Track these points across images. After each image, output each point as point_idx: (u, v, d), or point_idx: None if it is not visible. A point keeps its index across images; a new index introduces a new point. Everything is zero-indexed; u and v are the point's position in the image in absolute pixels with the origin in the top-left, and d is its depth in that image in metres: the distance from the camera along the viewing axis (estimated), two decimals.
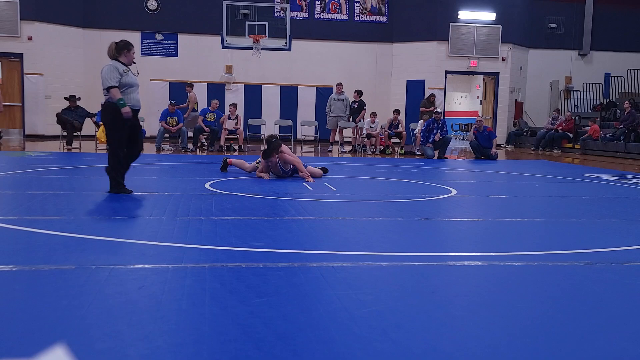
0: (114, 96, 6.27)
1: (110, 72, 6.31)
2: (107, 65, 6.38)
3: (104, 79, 6.29)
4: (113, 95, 6.27)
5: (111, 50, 6.46)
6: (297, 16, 19.90)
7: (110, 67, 6.33)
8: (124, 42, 6.54)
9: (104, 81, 6.30)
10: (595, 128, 17.39)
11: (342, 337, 2.40)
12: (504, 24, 20.17)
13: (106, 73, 6.31)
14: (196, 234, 4.45)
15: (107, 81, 6.28)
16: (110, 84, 6.27)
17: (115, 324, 2.47)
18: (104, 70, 6.33)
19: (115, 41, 6.56)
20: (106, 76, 6.30)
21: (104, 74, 6.31)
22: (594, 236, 4.92)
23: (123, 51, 6.47)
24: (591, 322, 2.71)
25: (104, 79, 6.29)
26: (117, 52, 6.46)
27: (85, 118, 14.48)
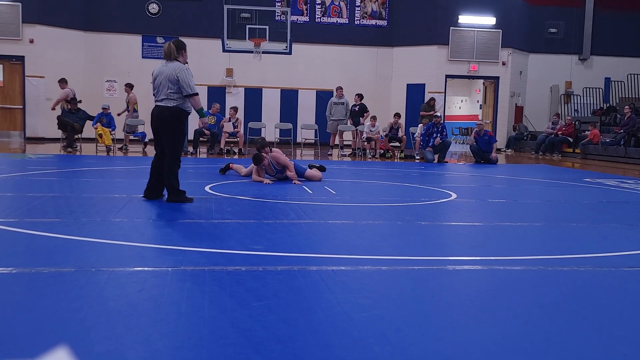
0: (197, 104, 6.04)
1: (191, 78, 5.95)
2: (183, 68, 5.96)
3: (185, 84, 5.88)
4: (196, 102, 6.02)
5: (171, 50, 6.03)
6: (297, 20, 19.92)
7: (189, 72, 5.96)
8: (181, 41, 6.21)
9: (186, 87, 5.90)
10: (596, 133, 17.39)
11: (342, 341, 2.40)
12: (504, 29, 20.19)
13: (188, 77, 5.92)
14: (196, 237, 4.45)
15: (191, 87, 5.94)
16: (193, 90, 5.95)
17: (114, 327, 2.47)
18: (182, 74, 5.89)
19: (171, 40, 6.17)
20: (188, 81, 5.91)
21: (185, 78, 5.89)
22: (594, 241, 4.92)
23: (181, 51, 6.11)
24: (591, 327, 2.71)
25: (185, 83, 5.88)
26: (177, 52, 6.07)
27: (86, 121, 14.49)
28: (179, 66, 5.96)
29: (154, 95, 6.15)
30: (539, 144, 18.49)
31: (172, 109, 5.96)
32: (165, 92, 5.95)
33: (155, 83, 6.06)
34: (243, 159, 13.30)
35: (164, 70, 5.99)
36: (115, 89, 19.52)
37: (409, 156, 15.58)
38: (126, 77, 19.46)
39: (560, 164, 15.17)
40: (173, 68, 5.94)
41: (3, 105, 18.53)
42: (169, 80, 5.91)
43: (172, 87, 5.92)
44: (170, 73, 5.92)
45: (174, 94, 5.93)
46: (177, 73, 5.90)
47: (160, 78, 5.99)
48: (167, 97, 5.94)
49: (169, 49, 6.03)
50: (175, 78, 5.89)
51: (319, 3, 20.39)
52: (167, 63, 6.03)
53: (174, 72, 5.91)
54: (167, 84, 5.92)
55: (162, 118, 5.99)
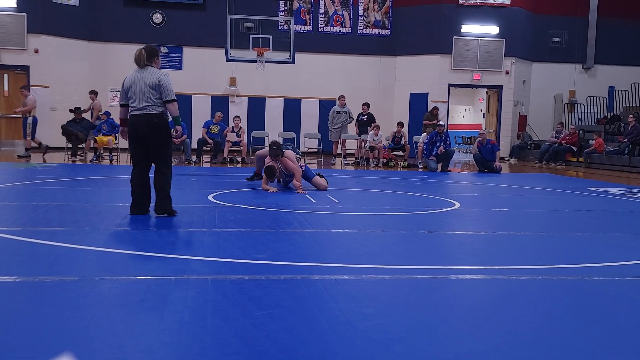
0: (176, 111, 5.75)
1: (171, 83, 5.70)
2: (164, 73, 5.73)
3: (168, 90, 5.64)
4: (175, 109, 5.74)
5: (142, 57, 5.73)
6: (301, 29, 19.98)
7: (169, 77, 5.73)
8: (154, 48, 5.93)
9: (167, 92, 5.64)
10: (600, 142, 17.36)
11: (345, 350, 2.39)
12: (507, 38, 20.22)
13: (169, 83, 5.67)
14: (199, 246, 4.45)
15: (172, 93, 5.68)
16: (173, 96, 5.68)
17: (117, 336, 2.46)
18: (165, 80, 5.65)
19: (142, 47, 5.85)
20: (170, 87, 5.67)
21: (166, 83, 5.64)
22: (599, 250, 4.90)
23: (154, 58, 5.83)
24: (596, 336, 2.70)
25: (168, 90, 5.64)
26: (149, 59, 5.78)
27: (90, 130, 14.53)
28: (159, 71, 5.73)
29: (126, 103, 5.79)
30: (543, 153, 18.47)
31: (160, 116, 5.68)
32: (145, 99, 5.62)
33: (131, 91, 5.70)
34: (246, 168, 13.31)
35: (141, 77, 5.67)
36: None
37: (412, 165, 15.58)
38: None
39: (564, 173, 15.14)
40: (152, 74, 5.67)
41: (8, 115, 18.59)
42: (150, 86, 5.61)
43: (154, 93, 5.62)
44: (149, 79, 5.63)
45: (158, 99, 5.65)
46: (158, 78, 5.64)
47: (138, 85, 5.64)
48: (150, 104, 5.63)
49: (139, 56, 5.73)
50: (156, 83, 5.62)
51: (322, 12, 20.46)
52: (142, 70, 5.72)
53: (155, 78, 5.64)
54: (147, 90, 5.61)
55: (152, 126, 5.67)
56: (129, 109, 5.76)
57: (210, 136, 14.87)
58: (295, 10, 20.19)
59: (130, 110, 5.74)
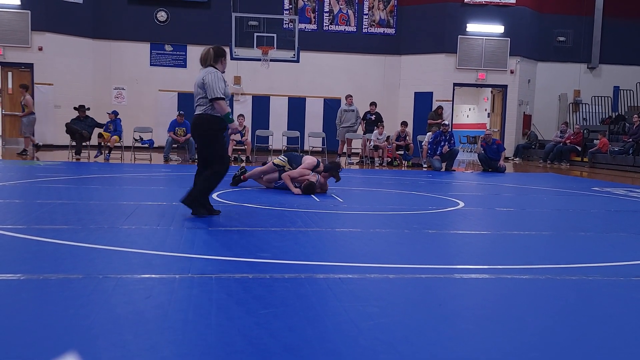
0: (222, 109, 5.62)
1: (217, 81, 5.59)
2: (211, 72, 5.66)
3: (211, 88, 5.55)
4: (221, 107, 5.61)
5: (208, 56, 5.77)
6: (305, 28, 19.98)
7: (216, 75, 5.63)
8: (221, 48, 5.89)
9: (210, 90, 5.56)
10: (605, 141, 17.33)
11: (349, 349, 2.40)
12: (512, 37, 20.18)
13: (212, 81, 5.57)
14: (203, 244, 4.46)
15: (215, 91, 5.55)
16: (218, 94, 5.56)
17: (121, 334, 2.47)
18: (208, 78, 5.59)
19: (211, 46, 5.87)
20: (213, 85, 5.56)
21: (209, 81, 5.57)
22: (602, 250, 4.89)
23: (220, 58, 5.82)
24: (599, 336, 2.70)
25: (211, 87, 5.55)
26: (215, 59, 5.79)
27: (94, 128, 14.55)
28: (207, 70, 5.69)
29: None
30: (547, 152, 18.44)
31: (201, 116, 5.68)
32: (196, 99, 5.72)
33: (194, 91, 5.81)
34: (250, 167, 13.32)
35: (197, 77, 5.76)
36: (124, 97, 19.63)
37: (416, 164, 15.56)
38: (134, 85, 19.59)
39: (569, 172, 15.11)
40: (203, 73, 5.68)
41: (12, 113, 18.63)
42: (198, 85, 5.67)
43: (200, 92, 5.65)
44: (199, 79, 5.69)
45: (202, 99, 5.66)
46: (203, 76, 5.63)
47: (195, 86, 5.77)
48: (199, 104, 5.70)
49: (206, 54, 5.79)
50: (201, 82, 5.63)
51: (327, 11, 20.45)
52: (201, 70, 5.79)
53: (202, 76, 5.66)
54: (197, 90, 5.69)
55: (198, 126, 5.74)
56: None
57: None
58: (300, 8, 20.20)
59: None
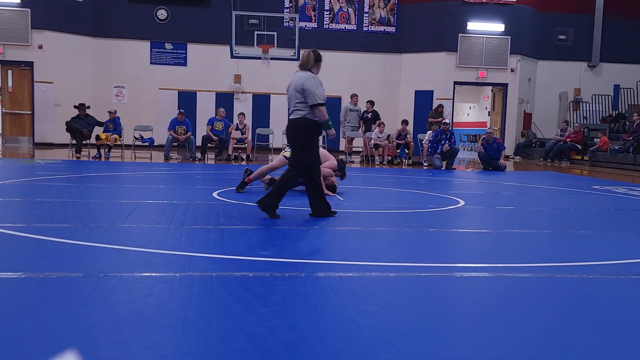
0: (323, 115, 5.63)
1: (318, 87, 5.60)
2: (311, 77, 5.66)
3: (312, 94, 5.55)
4: (322, 114, 5.62)
5: (309, 59, 5.77)
6: (305, 26, 19.97)
7: (316, 81, 5.64)
8: (319, 52, 5.89)
9: (312, 96, 5.56)
10: (605, 140, 17.32)
11: (349, 347, 2.40)
12: (512, 35, 20.17)
13: (314, 87, 5.57)
14: (203, 242, 4.46)
15: (317, 97, 5.57)
16: (320, 100, 5.58)
17: (122, 332, 2.47)
18: (309, 83, 5.58)
19: (310, 50, 5.89)
20: (315, 91, 5.56)
21: (311, 87, 5.56)
22: (603, 248, 4.89)
23: (318, 62, 5.83)
24: (600, 334, 2.70)
25: (313, 93, 5.55)
26: (314, 63, 5.80)
27: (95, 126, 14.55)
28: (306, 75, 5.68)
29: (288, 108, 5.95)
30: (548, 151, 18.44)
31: (299, 121, 5.67)
32: (293, 103, 5.70)
33: (288, 94, 5.81)
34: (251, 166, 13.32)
35: (294, 80, 5.76)
36: (124, 95, 19.62)
37: (417, 163, 15.56)
38: (134, 83, 19.59)
39: (569, 171, 15.11)
40: (301, 77, 5.67)
41: (12, 111, 18.64)
42: (296, 89, 5.65)
43: (299, 97, 5.64)
44: (297, 83, 5.67)
45: (301, 104, 5.64)
46: (303, 82, 5.61)
47: (290, 89, 5.77)
48: (295, 109, 5.68)
49: (307, 58, 5.78)
50: (301, 87, 5.60)
51: (327, 9, 20.44)
52: (298, 72, 5.80)
53: (301, 82, 5.63)
54: (295, 94, 5.67)
55: (294, 130, 5.74)
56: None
57: (214, 133, 14.87)
58: (300, 7, 20.19)
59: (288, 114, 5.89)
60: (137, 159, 14.23)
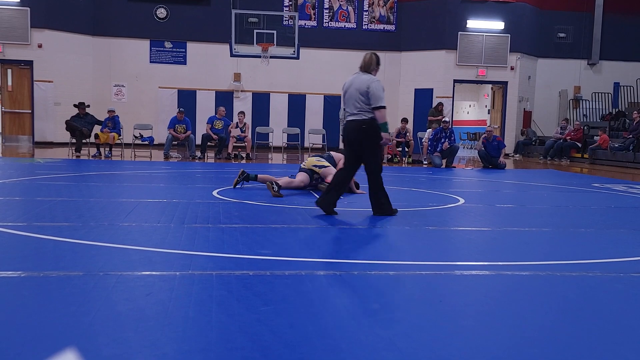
0: (383, 117, 5.74)
1: (381, 90, 5.74)
2: (375, 80, 5.79)
3: (377, 97, 5.68)
4: (383, 116, 5.73)
5: (372, 62, 5.91)
6: (305, 25, 19.97)
7: (380, 84, 5.77)
8: (378, 56, 6.02)
9: (376, 99, 5.69)
10: (605, 138, 17.33)
11: (349, 346, 2.40)
12: (512, 33, 20.17)
13: (378, 90, 5.70)
14: (204, 241, 4.46)
15: (381, 100, 5.71)
16: (383, 103, 5.71)
17: (122, 331, 2.47)
18: (374, 86, 5.71)
19: (372, 52, 6.03)
20: (379, 94, 5.70)
21: (375, 90, 5.69)
22: (603, 246, 4.89)
23: (378, 66, 5.97)
24: (599, 333, 2.70)
25: (377, 96, 5.68)
26: (375, 66, 5.94)
27: (94, 125, 14.54)
28: (370, 78, 5.80)
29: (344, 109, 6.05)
30: (548, 149, 18.44)
31: (369, 122, 5.76)
32: (355, 105, 5.79)
33: (347, 96, 5.90)
34: (251, 164, 13.33)
35: (354, 83, 5.85)
36: (124, 94, 19.62)
37: (416, 161, 15.56)
38: (134, 82, 19.58)
39: (569, 169, 15.11)
40: (364, 80, 5.78)
41: (12, 110, 18.64)
42: (360, 91, 5.74)
43: (362, 99, 5.74)
44: (360, 85, 5.76)
45: (366, 105, 5.74)
46: (368, 84, 5.72)
47: (350, 91, 5.84)
48: (360, 111, 5.77)
49: (370, 60, 5.90)
50: (365, 90, 5.71)
51: (327, 8, 20.43)
52: (360, 74, 5.89)
53: (365, 84, 5.74)
54: (357, 96, 5.76)
55: (360, 132, 5.80)
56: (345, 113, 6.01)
57: (214, 132, 14.87)
58: (299, 5, 20.18)
59: (346, 115, 5.97)
60: (137, 157, 14.23)
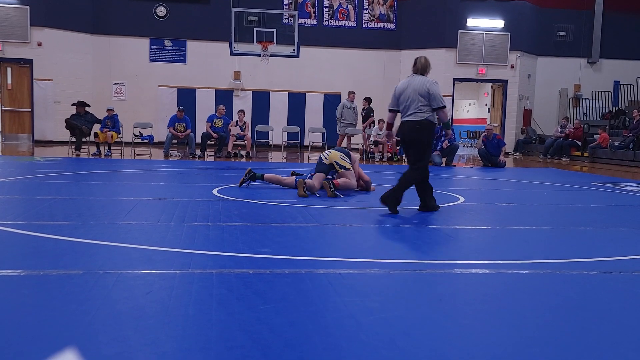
0: (446, 116, 6.37)
1: (439, 91, 6.16)
2: (433, 82, 6.17)
3: (437, 97, 6.09)
4: (445, 115, 6.32)
5: (427, 65, 6.30)
6: (305, 23, 19.95)
7: (438, 86, 6.18)
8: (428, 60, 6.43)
9: (437, 99, 6.09)
10: (605, 136, 17.32)
11: (349, 344, 2.40)
12: (512, 32, 20.15)
13: (438, 91, 6.13)
14: (203, 240, 4.46)
15: (441, 100, 6.14)
16: (444, 103, 6.18)
17: (122, 329, 2.47)
18: (434, 88, 6.10)
19: (423, 56, 6.41)
20: (438, 94, 6.12)
21: (435, 91, 6.09)
22: (603, 245, 4.89)
23: (429, 69, 6.34)
24: (599, 331, 2.70)
25: (437, 97, 6.09)
26: (428, 69, 6.31)
27: (94, 124, 14.54)
28: (428, 80, 6.14)
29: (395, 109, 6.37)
30: (547, 147, 18.43)
31: (424, 122, 6.07)
32: (414, 105, 6.08)
33: (403, 97, 6.18)
34: (251, 163, 13.32)
35: (412, 84, 6.14)
36: (124, 92, 19.61)
37: None
38: (134, 80, 19.57)
39: (569, 167, 15.11)
40: (422, 82, 6.10)
41: (11, 108, 18.63)
42: (420, 94, 6.05)
43: (422, 100, 6.05)
44: (420, 87, 6.07)
45: (424, 106, 6.06)
46: (428, 86, 6.06)
47: (408, 92, 6.13)
48: (418, 111, 6.07)
49: (425, 63, 6.25)
50: (426, 91, 6.03)
51: (327, 6, 20.42)
52: (415, 77, 6.21)
53: (425, 86, 6.06)
54: (416, 97, 6.06)
55: (417, 131, 6.10)
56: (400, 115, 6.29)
57: (214, 130, 14.87)
58: (299, 3, 20.17)
59: (402, 116, 6.25)
60: (137, 156, 14.23)
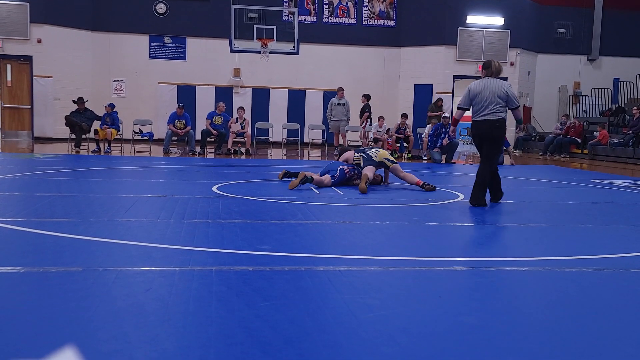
0: (520, 114, 6.98)
1: (515, 92, 6.84)
2: (508, 85, 6.77)
3: (515, 99, 6.71)
4: (520, 113, 6.95)
5: (500, 68, 6.81)
6: (305, 20, 19.93)
7: (512, 88, 6.83)
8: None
9: (514, 100, 6.69)
10: (605, 134, 17.32)
11: (349, 341, 2.40)
12: (512, 29, 20.13)
13: (514, 93, 6.77)
14: (203, 237, 4.46)
15: (517, 100, 6.79)
16: (519, 103, 6.82)
17: (122, 326, 2.47)
18: (511, 90, 6.71)
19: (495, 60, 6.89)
20: (515, 96, 6.75)
21: (513, 93, 6.70)
22: (602, 242, 4.89)
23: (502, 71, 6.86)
24: (599, 328, 2.70)
25: (514, 98, 6.71)
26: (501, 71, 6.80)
27: (94, 121, 14.53)
28: (504, 83, 6.71)
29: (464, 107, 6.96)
30: (547, 144, 18.43)
31: (502, 121, 6.69)
32: (491, 106, 6.63)
33: (479, 98, 6.70)
34: (250, 160, 13.32)
35: (488, 86, 6.68)
36: (123, 89, 19.60)
37: (416, 157, 15.56)
38: (134, 77, 19.56)
39: (568, 164, 15.11)
40: (499, 85, 6.67)
41: (11, 105, 18.62)
42: (498, 96, 6.62)
43: (500, 101, 6.62)
44: (497, 89, 6.64)
45: (502, 107, 6.65)
46: (506, 89, 6.66)
47: (485, 93, 6.66)
48: (495, 111, 6.64)
49: (499, 67, 6.80)
50: (504, 93, 6.62)
51: (327, 3, 20.39)
52: (490, 79, 6.74)
53: (502, 88, 6.65)
54: (494, 99, 6.62)
55: (495, 129, 6.69)
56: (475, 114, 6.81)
57: (214, 127, 14.86)
58: (299, 0, 20.14)
59: (477, 115, 6.78)
60: (137, 153, 14.23)
